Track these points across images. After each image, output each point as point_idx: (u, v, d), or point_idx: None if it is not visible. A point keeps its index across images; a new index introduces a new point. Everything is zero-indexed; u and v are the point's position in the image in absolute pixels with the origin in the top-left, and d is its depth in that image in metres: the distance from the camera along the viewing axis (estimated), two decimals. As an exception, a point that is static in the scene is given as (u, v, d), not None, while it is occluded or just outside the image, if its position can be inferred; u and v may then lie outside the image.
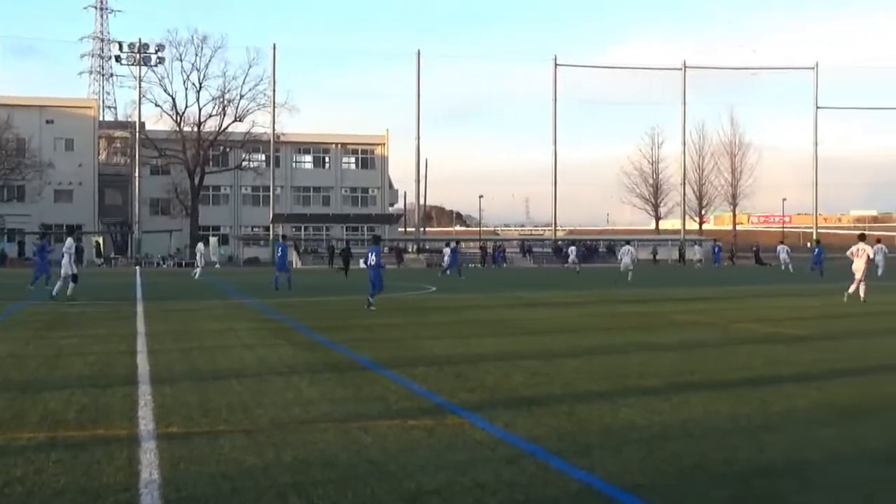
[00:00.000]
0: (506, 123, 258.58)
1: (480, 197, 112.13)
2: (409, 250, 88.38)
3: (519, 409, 9.38)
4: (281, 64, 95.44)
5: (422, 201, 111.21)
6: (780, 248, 63.85)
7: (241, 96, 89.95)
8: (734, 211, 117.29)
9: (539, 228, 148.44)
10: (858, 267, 28.18)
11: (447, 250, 55.74)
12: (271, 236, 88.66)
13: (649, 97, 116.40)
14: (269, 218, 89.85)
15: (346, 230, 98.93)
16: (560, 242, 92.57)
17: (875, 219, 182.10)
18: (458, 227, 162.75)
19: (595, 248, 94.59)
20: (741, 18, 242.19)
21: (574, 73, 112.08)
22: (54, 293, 27.52)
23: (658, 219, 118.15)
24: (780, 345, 16.09)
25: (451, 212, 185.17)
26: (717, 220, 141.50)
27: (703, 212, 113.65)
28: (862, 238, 29.94)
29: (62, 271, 27.81)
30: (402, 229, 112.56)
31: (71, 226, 73.12)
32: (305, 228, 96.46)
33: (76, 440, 7.93)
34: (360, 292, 29.89)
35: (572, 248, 67.94)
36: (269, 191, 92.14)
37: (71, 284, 27.32)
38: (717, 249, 74.91)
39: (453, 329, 19.08)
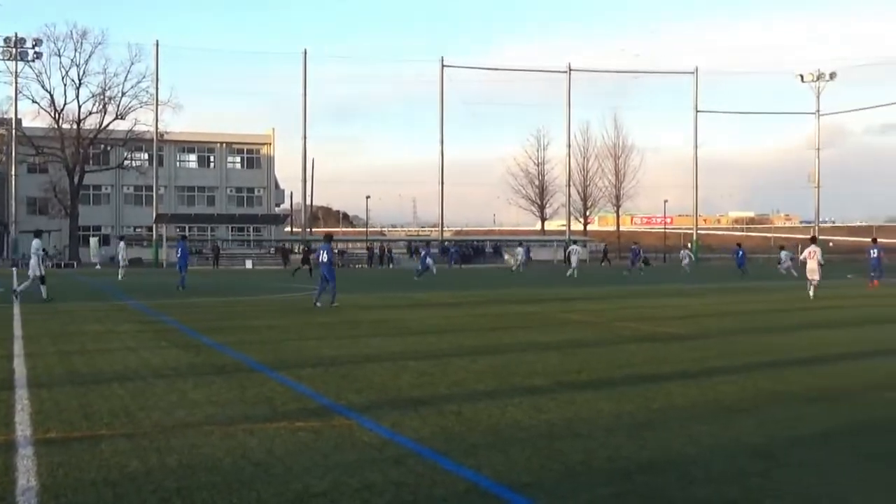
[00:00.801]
0: (393, 124, 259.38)
1: (367, 197, 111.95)
2: (296, 251, 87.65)
3: (406, 410, 9.40)
4: (164, 61, 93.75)
5: (308, 201, 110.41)
6: (683, 252, 65.66)
7: (123, 93, 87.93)
8: (618, 212, 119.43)
9: (426, 229, 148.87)
10: (813, 268, 30.38)
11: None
12: (154, 236, 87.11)
13: (535, 99, 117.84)
14: (153, 218, 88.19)
15: (232, 230, 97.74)
16: (447, 243, 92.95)
17: (752, 220, 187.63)
18: (344, 228, 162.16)
19: (481, 249, 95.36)
20: (625, 22, 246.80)
21: (461, 74, 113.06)
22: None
23: (544, 220, 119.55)
24: (661, 343, 16.43)
25: (338, 212, 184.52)
26: (602, 221, 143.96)
27: (587, 213, 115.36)
28: (814, 241, 33.13)
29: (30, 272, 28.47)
30: (289, 229, 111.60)
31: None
32: (190, 229, 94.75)
33: (-51, 447, 7.68)
34: (244, 293, 29.60)
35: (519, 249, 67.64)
36: (152, 190, 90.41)
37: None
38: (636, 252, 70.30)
39: (340, 330, 19.00)
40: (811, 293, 29.59)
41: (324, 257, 26.29)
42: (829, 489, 6.65)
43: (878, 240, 43.98)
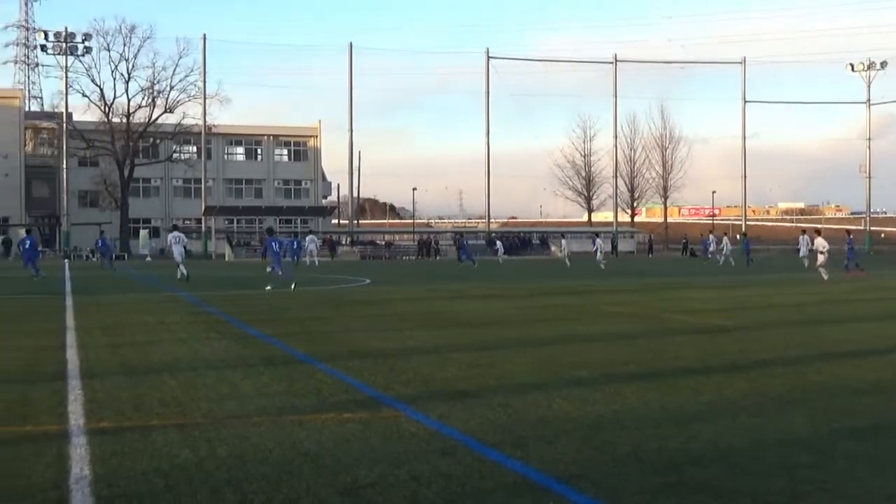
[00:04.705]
0: (439, 116, 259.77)
1: (414, 189, 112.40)
2: (343, 242, 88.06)
3: (454, 402, 9.41)
4: (211, 55, 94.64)
5: (355, 194, 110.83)
6: (722, 238, 64.60)
7: (172, 87, 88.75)
8: (665, 203, 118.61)
9: (473, 220, 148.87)
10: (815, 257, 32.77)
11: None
12: (203, 229, 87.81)
13: (582, 90, 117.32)
14: (201, 210, 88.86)
15: (279, 223, 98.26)
16: (493, 234, 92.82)
17: (802, 211, 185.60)
18: (391, 220, 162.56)
19: (528, 240, 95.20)
20: (672, 12, 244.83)
21: (507, 66, 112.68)
22: None
23: (590, 211, 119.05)
24: (709, 335, 16.32)
25: (385, 204, 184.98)
26: (649, 213, 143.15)
27: (634, 204, 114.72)
28: (818, 233, 36.19)
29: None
30: (336, 222, 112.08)
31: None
32: (238, 221, 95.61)
33: (2, 437, 7.82)
34: (295, 285, 29.77)
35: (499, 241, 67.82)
36: (200, 183, 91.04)
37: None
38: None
39: (387, 322, 19.07)
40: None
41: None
42: (879, 482, 6.57)
43: None
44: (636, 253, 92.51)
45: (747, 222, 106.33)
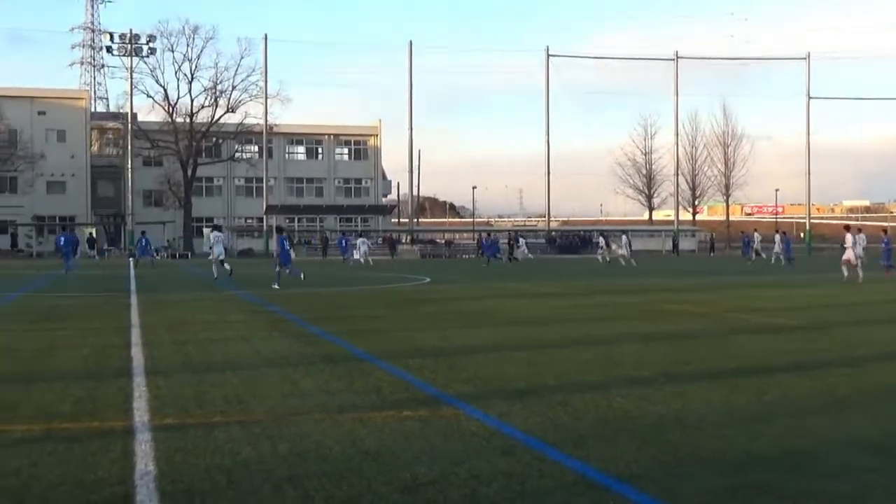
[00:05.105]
0: (499, 114, 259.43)
1: (474, 188, 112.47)
2: (403, 241, 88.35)
3: (513, 400, 9.39)
4: (273, 55, 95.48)
5: (415, 192, 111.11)
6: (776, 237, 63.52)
7: (234, 87, 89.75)
8: (727, 201, 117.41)
9: (532, 219, 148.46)
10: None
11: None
12: (265, 227, 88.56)
13: (642, 87, 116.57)
14: (263, 209, 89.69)
15: (340, 221, 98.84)
16: (554, 233, 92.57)
17: (868, 209, 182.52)
18: (451, 218, 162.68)
19: (588, 239, 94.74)
20: (734, 7, 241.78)
21: (567, 64, 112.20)
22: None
23: (651, 209, 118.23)
24: (773, 334, 16.13)
25: (445, 203, 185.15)
26: (711, 211, 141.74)
27: (696, 202, 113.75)
28: (847, 228, 35.20)
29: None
30: (396, 220, 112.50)
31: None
32: (299, 219, 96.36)
33: (71, 433, 7.93)
34: (352, 284, 29.96)
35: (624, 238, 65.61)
36: (262, 182, 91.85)
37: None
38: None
39: (447, 320, 19.10)
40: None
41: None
42: (949, 486, 6.45)
43: None
44: (697, 252, 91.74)
45: (811, 220, 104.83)
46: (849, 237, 33.63)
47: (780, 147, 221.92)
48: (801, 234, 78.13)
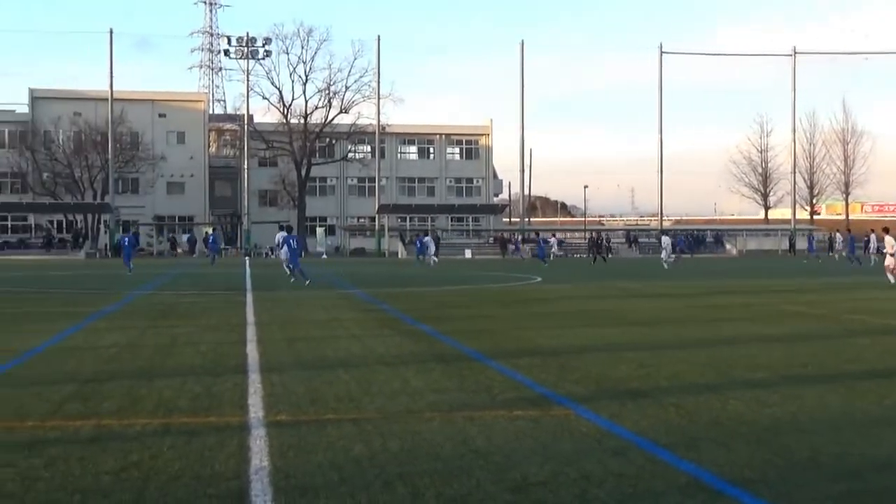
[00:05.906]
0: (611, 112, 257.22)
1: (585, 187, 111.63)
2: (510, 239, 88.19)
3: (625, 401, 9.31)
4: (385, 55, 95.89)
5: (526, 192, 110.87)
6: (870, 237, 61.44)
7: (347, 88, 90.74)
8: (847, 200, 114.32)
9: (645, 218, 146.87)
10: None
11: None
12: (377, 226, 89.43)
13: (757, 84, 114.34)
14: (375, 209, 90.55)
15: (451, 220, 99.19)
16: (669, 232, 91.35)
17: None
18: (563, 217, 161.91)
19: (702, 238, 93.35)
20: (851, 2, 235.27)
21: (680, 61, 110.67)
22: None
23: (767, 208, 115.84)
24: (894, 337, 15.66)
25: (556, 202, 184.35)
26: (829, 210, 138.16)
27: (814, 201, 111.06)
28: (886, 231, 33.00)
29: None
30: (507, 220, 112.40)
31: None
32: (410, 219, 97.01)
33: (189, 427, 8.13)
34: (463, 283, 30.04)
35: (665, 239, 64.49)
36: (374, 182, 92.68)
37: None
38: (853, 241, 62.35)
39: (557, 319, 19.02)
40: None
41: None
42: None
43: None
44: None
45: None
46: (889, 239, 31.66)
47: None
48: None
